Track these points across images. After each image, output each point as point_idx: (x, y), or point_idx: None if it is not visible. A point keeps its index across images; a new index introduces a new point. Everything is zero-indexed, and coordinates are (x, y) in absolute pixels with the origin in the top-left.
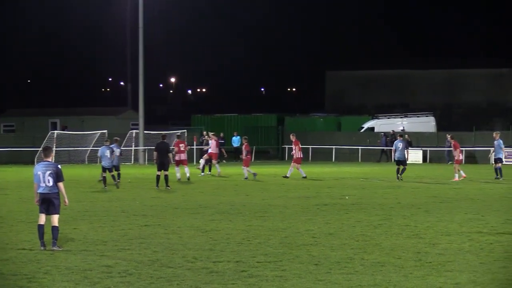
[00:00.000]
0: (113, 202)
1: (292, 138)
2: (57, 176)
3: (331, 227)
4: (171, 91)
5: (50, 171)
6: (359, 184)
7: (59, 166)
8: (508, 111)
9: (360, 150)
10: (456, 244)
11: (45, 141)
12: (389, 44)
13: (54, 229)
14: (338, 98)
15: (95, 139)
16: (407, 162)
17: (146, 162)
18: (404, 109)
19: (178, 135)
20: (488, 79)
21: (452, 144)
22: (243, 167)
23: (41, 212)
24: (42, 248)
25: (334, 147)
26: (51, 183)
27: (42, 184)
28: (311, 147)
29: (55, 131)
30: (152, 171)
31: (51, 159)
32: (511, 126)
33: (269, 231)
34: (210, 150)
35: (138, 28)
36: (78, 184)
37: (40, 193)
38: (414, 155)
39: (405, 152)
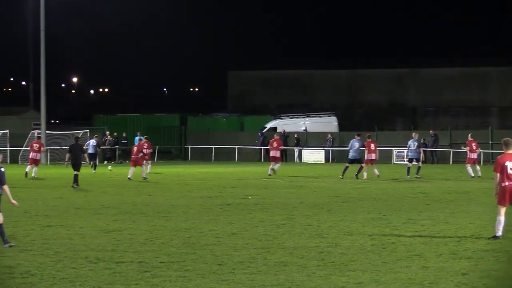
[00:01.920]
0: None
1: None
2: None
3: (234, 227)
4: (73, 91)
5: None
6: (262, 184)
7: (3, 169)
8: (409, 111)
9: (262, 150)
10: (358, 244)
11: None
12: (292, 44)
13: None
14: (241, 98)
15: None
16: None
17: (48, 162)
18: (306, 109)
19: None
20: (389, 79)
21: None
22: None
23: None
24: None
25: (236, 147)
26: None
27: None
28: (214, 147)
29: None
30: (55, 171)
31: None
32: (412, 126)
33: (172, 231)
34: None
35: (40, 28)
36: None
37: None
38: (317, 155)
39: (359, 152)
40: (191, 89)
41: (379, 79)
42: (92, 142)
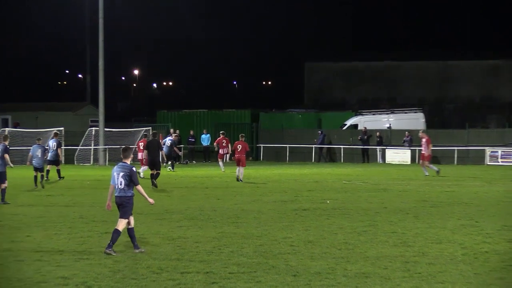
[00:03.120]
0: (70, 207)
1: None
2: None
3: (311, 234)
4: (134, 85)
5: (123, 173)
6: (342, 187)
7: (134, 168)
8: (505, 106)
9: (342, 149)
10: (447, 253)
11: None
12: (375, 34)
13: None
14: (318, 93)
15: (51, 137)
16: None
17: (107, 163)
18: (390, 105)
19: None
20: (482, 72)
21: (425, 140)
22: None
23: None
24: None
25: (313, 146)
26: (123, 186)
27: (117, 187)
28: (288, 146)
29: (6, 129)
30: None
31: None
32: (507, 124)
33: (242, 238)
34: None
35: (98, 16)
36: (32, 187)
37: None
38: (402, 155)
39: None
40: (264, 83)
41: (472, 71)
42: (169, 139)
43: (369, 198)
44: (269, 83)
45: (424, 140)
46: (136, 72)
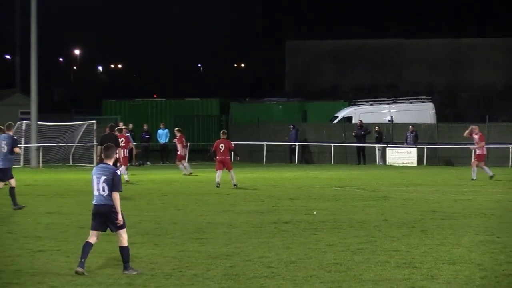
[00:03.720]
0: None
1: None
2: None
3: (293, 254)
4: (75, 68)
5: (105, 177)
6: (332, 194)
7: (118, 171)
8: None
9: (332, 148)
10: (463, 276)
11: None
12: (372, 4)
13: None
14: (303, 78)
15: None
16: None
17: (41, 165)
18: (392, 92)
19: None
20: (505, 52)
21: (478, 137)
22: (177, 162)
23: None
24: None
25: (297, 144)
26: (106, 192)
27: (96, 193)
28: (266, 144)
29: None
30: (48, 176)
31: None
32: None
33: (208, 258)
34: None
35: None
36: None
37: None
38: (407, 155)
39: None
40: (235, 66)
41: (491, 51)
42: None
43: (365, 208)
44: (242, 65)
45: (477, 136)
46: (77, 52)
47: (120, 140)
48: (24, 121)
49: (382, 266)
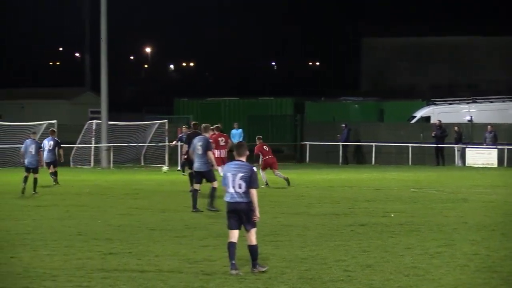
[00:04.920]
0: (65, 220)
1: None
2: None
3: (370, 257)
4: (146, 66)
5: (242, 174)
6: (410, 196)
7: (254, 168)
8: None
9: (410, 148)
10: None
11: None
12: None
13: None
14: (379, 76)
15: (40, 132)
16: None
17: (112, 165)
18: (471, 92)
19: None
20: None
21: None
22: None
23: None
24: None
25: (374, 144)
26: (243, 189)
27: (231, 190)
28: (342, 144)
29: None
30: (119, 177)
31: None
32: None
33: (283, 261)
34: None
35: None
36: (17, 195)
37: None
38: (487, 156)
39: None
40: (310, 64)
41: None
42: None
43: (444, 211)
44: (317, 64)
45: None
46: (148, 50)
47: (220, 139)
48: (94, 121)
49: (461, 270)
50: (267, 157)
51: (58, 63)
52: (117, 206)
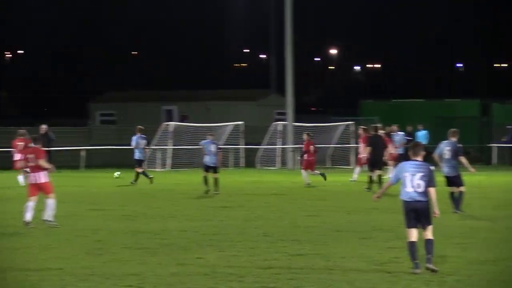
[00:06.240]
0: (251, 221)
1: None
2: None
3: None
4: (331, 67)
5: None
6: None
7: (432, 167)
8: None
9: None
10: None
11: (158, 135)
12: None
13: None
14: None
15: (227, 133)
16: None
17: (297, 166)
18: None
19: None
20: None
21: None
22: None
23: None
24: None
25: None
26: (421, 189)
27: (409, 189)
28: None
29: (171, 123)
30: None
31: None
32: None
33: (471, 264)
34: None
35: None
36: (201, 196)
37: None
38: None
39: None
40: (496, 65)
41: None
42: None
43: None
44: (503, 65)
45: None
46: (333, 51)
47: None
48: (279, 122)
49: None
50: (311, 157)
51: (243, 65)
52: (303, 208)
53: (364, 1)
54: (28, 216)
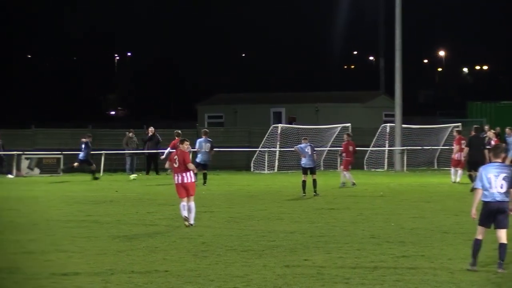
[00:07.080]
0: (358, 224)
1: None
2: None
3: None
4: (440, 69)
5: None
6: None
7: None
8: None
9: None
10: None
11: (265, 138)
12: None
13: (502, 246)
14: None
15: (335, 135)
16: None
17: (405, 168)
18: None
19: (458, 130)
20: None
21: None
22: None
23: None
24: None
25: None
26: (504, 189)
27: (493, 190)
28: None
29: (279, 125)
30: (412, 180)
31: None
32: None
33: None
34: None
35: None
36: (308, 198)
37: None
38: None
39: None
40: None
41: None
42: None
43: None
44: None
45: None
46: (442, 53)
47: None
48: (387, 124)
49: None
50: (349, 157)
51: (352, 66)
52: (410, 209)
53: (471, 2)
54: (185, 212)
